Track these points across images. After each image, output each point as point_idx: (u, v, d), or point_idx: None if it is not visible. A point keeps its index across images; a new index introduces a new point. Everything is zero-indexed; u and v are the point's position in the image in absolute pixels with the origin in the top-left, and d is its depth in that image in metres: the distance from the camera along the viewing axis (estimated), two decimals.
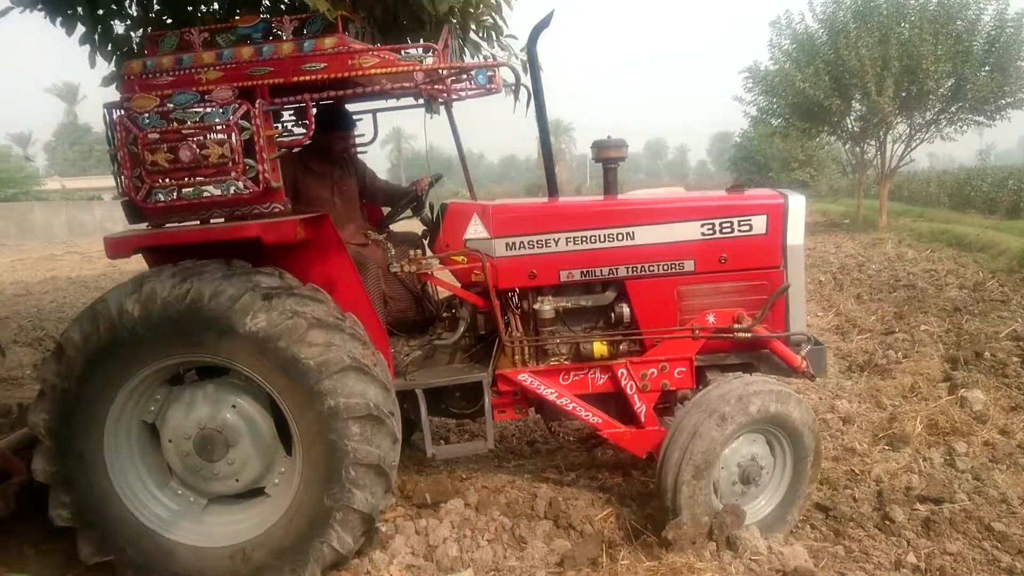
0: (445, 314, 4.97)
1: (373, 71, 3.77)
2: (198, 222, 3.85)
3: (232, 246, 3.72)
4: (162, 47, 3.90)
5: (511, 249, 4.27)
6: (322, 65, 3.75)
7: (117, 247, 3.78)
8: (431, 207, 5.07)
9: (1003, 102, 21.87)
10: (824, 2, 22.44)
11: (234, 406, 3.79)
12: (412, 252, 4.31)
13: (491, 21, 5.97)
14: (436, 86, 4.19)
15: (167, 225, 3.86)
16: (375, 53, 3.77)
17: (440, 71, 4.02)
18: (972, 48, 20.60)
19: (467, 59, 5.89)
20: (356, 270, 4.16)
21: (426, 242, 4.84)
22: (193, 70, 3.74)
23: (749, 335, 4.22)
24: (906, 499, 4.54)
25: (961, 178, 31.36)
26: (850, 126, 24.09)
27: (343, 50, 3.76)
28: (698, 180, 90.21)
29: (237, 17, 4.01)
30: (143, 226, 3.93)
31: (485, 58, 6.22)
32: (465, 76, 4.18)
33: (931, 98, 21.65)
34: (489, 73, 3.95)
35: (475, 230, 4.33)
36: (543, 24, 4.08)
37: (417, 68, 3.88)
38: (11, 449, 4.26)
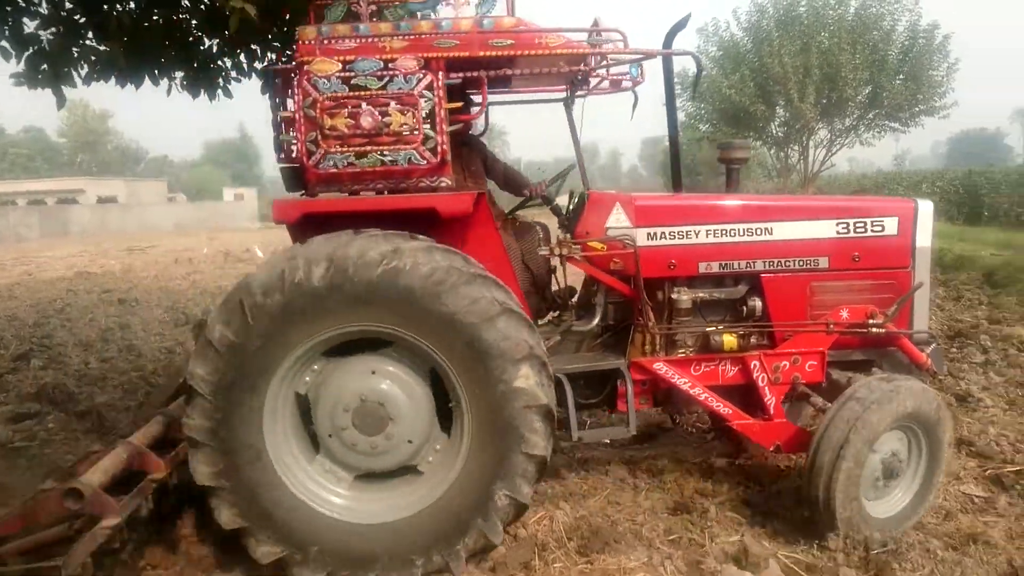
0: (572, 301, 4.88)
1: (560, 51, 3.90)
2: (356, 192, 3.86)
3: (384, 216, 3.69)
4: (329, 16, 3.84)
5: (652, 239, 4.29)
6: (509, 42, 3.81)
7: (285, 211, 3.72)
8: (571, 196, 5.00)
9: (916, 109, 22.89)
10: (749, 11, 23.13)
11: (389, 380, 3.72)
12: (562, 235, 4.33)
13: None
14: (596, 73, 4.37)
15: (321, 195, 3.83)
16: (558, 34, 3.88)
17: (618, 56, 4.14)
18: (888, 57, 21.53)
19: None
20: (506, 251, 4.17)
21: (560, 230, 4.75)
22: (376, 39, 3.73)
23: (883, 331, 4.32)
24: None
25: (879, 182, 32.65)
26: (774, 131, 24.87)
27: (526, 29, 3.85)
28: (632, 184, 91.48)
29: (155, 16, 3.91)
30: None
31: None
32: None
33: (850, 105, 22.55)
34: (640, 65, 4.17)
35: (617, 219, 4.33)
36: (680, 25, 4.20)
37: (601, 52, 4.02)
38: (147, 446, 3.93)
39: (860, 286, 4.45)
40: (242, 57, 6.42)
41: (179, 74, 6.31)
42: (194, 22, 6.02)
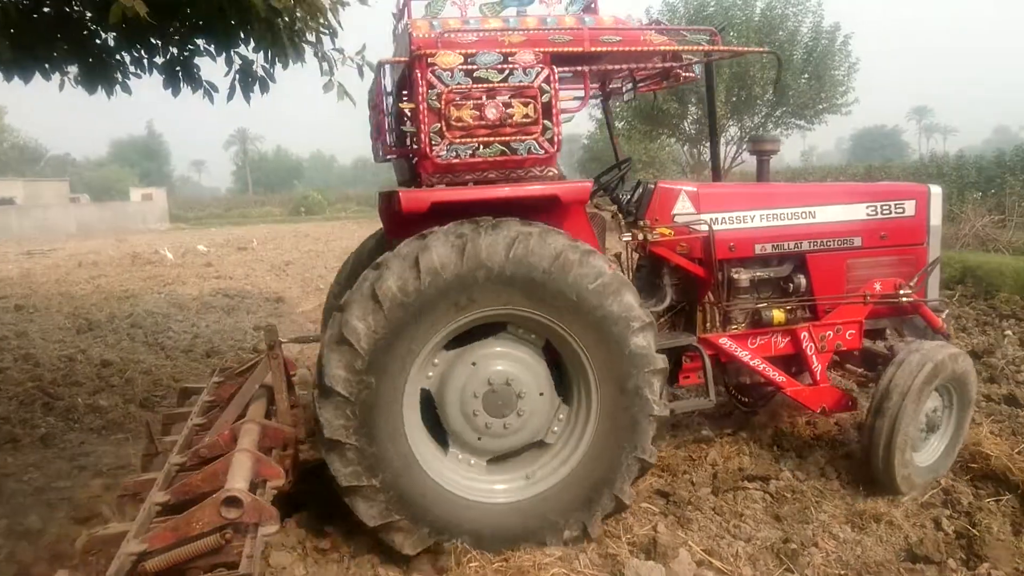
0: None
1: (662, 48, 4.25)
2: (464, 183, 3.95)
3: (491, 205, 3.82)
4: (429, 10, 4.03)
5: (715, 224, 4.67)
6: (618, 39, 4.10)
7: (414, 202, 3.76)
8: (636, 185, 5.13)
9: (820, 107, 23.78)
10: (660, 10, 23.54)
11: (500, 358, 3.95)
12: (643, 222, 4.60)
13: (325, 22, 5.80)
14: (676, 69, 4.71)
15: (437, 186, 3.90)
16: (658, 32, 4.22)
17: (713, 53, 4.56)
18: (793, 57, 22.25)
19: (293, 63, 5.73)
20: (596, 237, 4.35)
21: (623, 218, 4.88)
22: (495, 32, 3.91)
23: (911, 300, 4.92)
24: (739, 478, 4.81)
25: (788, 177, 33.77)
26: (687, 129, 25.38)
27: (628, 27, 4.16)
28: None
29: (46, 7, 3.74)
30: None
31: (319, 60, 6.05)
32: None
33: (758, 103, 23.23)
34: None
35: (683, 207, 4.71)
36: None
37: (699, 48, 4.45)
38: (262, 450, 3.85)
39: (887, 261, 5.07)
40: (143, 52, 6.15)
41: (73, 68, 6.00)
42: (88, 14, 5.74)
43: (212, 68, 6.20)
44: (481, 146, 3.82)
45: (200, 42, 5.99)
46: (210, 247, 22.92)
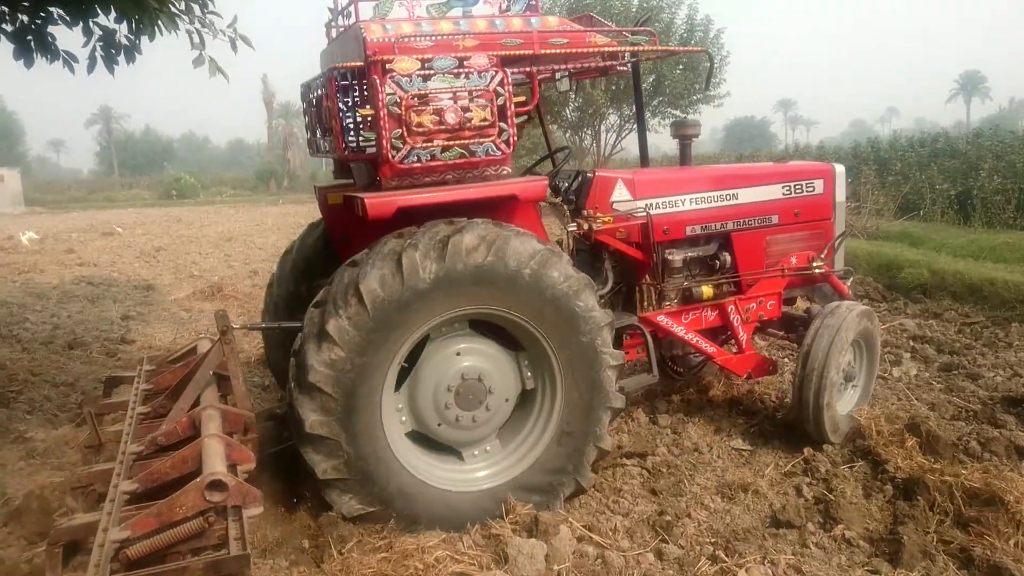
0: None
1: (605, 49, 4.43)
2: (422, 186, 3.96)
3: (449, 207, 3.93)
4: (378, 11, 4.05)
5: (650, 209, 4.92)
6: (565, 40, 4.24)
7: (379, 208, 3.80)
8: (576, 174, 5.22)
9: (695, 98, 24.67)
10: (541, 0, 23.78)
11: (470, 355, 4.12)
12: (587, 212, 4.74)
13: None
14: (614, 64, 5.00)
15: (396, 189, 3.89)
16: (602, 34, 4.38)
17: (650, 52, 4.75)
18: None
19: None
20: (544, 229, 4.46)
21: (566, 207, 4.95)
22: (448, 37, 3.96)
23: (823, 271, 5.44)
24: (618, 455, 4.97)
25: (664, 164, 34.90)
26: (569, 116, 25.80)
27: (573, 29, 4.33)
28: None
29: None
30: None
31: (188, 32, 5.78)
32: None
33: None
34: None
35: (620, 194, 4.92)
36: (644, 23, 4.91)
37: (637, 50, 4.65)
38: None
39: (801, 236, 5.57)
40: None
41: None
42: None
43: (72, 37, 5.80)
44: (441, 150, 3.88)
45: (54, 10, 5.58)
46: (72, 232, 21.48)
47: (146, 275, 13.59)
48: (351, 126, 4.25)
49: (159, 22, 5.27)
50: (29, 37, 5.65)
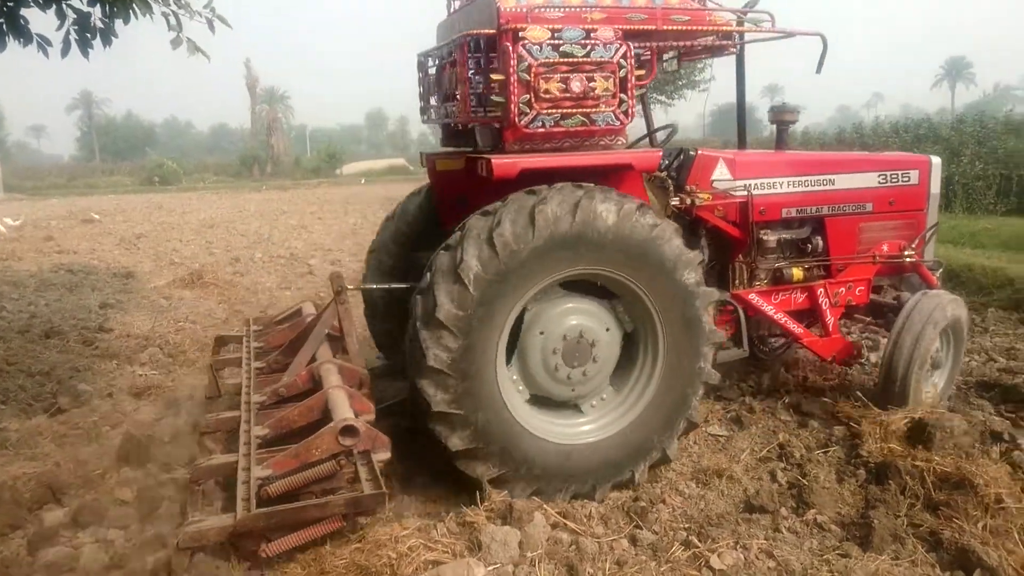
0: None
1: (723, 28, 4.61)
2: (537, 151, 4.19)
3: (567, 172, 4.16)
4: None
5: (747, 190, 5.05)
6: (687, 18, 4.41)
7: (504, 168, 4.04)
8: (679, 153, 5.35)
9: (680, 83, 24.70)
10: None
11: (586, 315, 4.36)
12: (689, 188, 4.91)
13: None
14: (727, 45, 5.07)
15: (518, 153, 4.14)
16: (719, 13, 4.55)
17: (771, 34, 4.85)
18: None
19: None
20: (649, 201, 4.63)
21: (670, 182, 5.01)
22: (576, 9, 4.13)
23: (913, 260, 5.55)
24: None
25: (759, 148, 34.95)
26: None
27: (694, 7, 4.45)
28: (419, 151, 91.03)
29: None
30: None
31: (164, 15, 5.69)
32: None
33: None
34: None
35: (721, 173, 5.07)
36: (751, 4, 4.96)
37: (754, 30, 4.84)
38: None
39: (894, 225, 5.64)
40: None
41: None
42: None
43: (47, 20, 5.69)
44: (563, 116, 4.08)
45: None
46: (51, 219, 21.25)
47: (126, 262, 13.47)
48: (478, 91, 4.35)
49: (133, 5, 5.19)
50: (1, 20, 5.54)
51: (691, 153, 5.14)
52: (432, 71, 4.97)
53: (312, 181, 44.82)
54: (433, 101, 5.04)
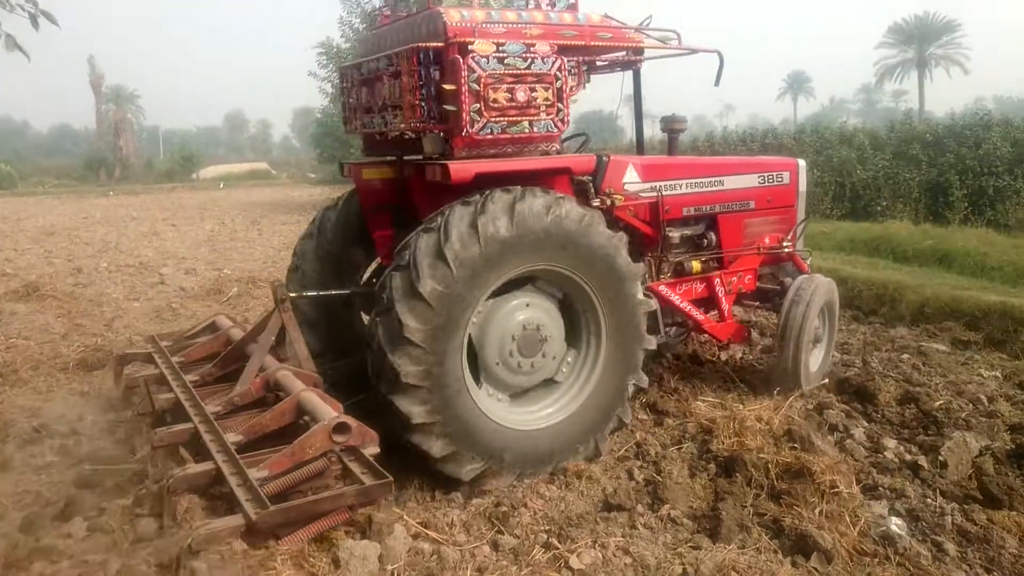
0: None
1: (640, 45, 5.24)
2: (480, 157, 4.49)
3: (507, 177, 4.47)
4: None
5: (654, 192, 5.48)
6: (609, 35, 4.98)
7: (461, 173, 4.32)
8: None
9: None
10: None
11: (529, 307, 4.71)
12: (607, 190, 5.20)
13: None
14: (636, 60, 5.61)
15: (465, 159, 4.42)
16: (637, 31, 5.16)
17: (677, 50, 5.51)
18: None
19: None
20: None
21: (590, 185, 5.24)
22: (517, 25, 4.55)
23: (789, 250, 6.33)
24: None
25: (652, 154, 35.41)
26: None
27: (613, 25, 4.98)
28: (282, 155, 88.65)
29: None
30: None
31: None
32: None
33: None
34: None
35: (631, 177, 5.42)
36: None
37: (664, 46, 5.43)
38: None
39: (772, 220, 6.39)
40: None
41: None
42: None
43: None
44: (510, 124, 4.43)
45: None
46: None
47: None
48: (424, 101, 4.51)
49: None
50: None
51: (604, 159, 5.37)
52: (354, 83, 5.16)
53: (166, 185, 42.66)
54: (363, 111, 5.13)
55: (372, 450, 3.90)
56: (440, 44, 4.38)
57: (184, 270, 12.69)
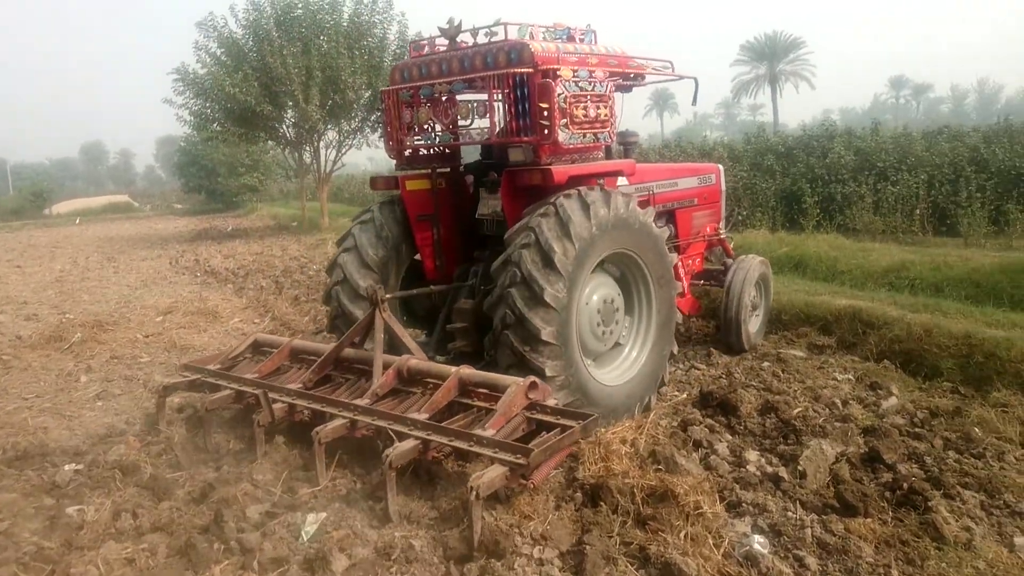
0: None
1: (648, 72, 6.64)
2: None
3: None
4: (520, 32, 5.64)
5: (643, 191, 6.95)
6: (637, 63, 6.36)
7: (561, 175, 5.46)
8: None
9: None
10: (247, 8, 22.59)
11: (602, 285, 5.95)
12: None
13: None
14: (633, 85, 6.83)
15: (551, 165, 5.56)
16: (647, 60, 6.62)
17: (669, 77, 6.97)
18: (383, 63, 22.85)
19: None
20: None
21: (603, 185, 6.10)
22: (582, 55, 5.72)
23: (721, 237, 8.40)
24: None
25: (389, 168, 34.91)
26: (286, 132, 24.78)
27: (636, 56, 6.33)
28: (147, 187, 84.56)
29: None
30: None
31: None
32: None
33: (354, 107, 23.48)
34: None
35: (623, 180, 6.56)
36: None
37: (667, 75, 6.88)
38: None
39: (708, 213, 8.30)
40: None
41: None
42: None
43: None
44: (584, 135, 5.61)
45: None
46: None
47: None
48: (518, 117, 5.53)
49: None
50: None
51: None
52: (407, 103, 6.21)
53: (14, 224, 39.68)
54: (415, 130, 6.25)
55: (552, 401, 4.85)
56: (530, 70, 5.37)
57: (25, 316, 11.69)
